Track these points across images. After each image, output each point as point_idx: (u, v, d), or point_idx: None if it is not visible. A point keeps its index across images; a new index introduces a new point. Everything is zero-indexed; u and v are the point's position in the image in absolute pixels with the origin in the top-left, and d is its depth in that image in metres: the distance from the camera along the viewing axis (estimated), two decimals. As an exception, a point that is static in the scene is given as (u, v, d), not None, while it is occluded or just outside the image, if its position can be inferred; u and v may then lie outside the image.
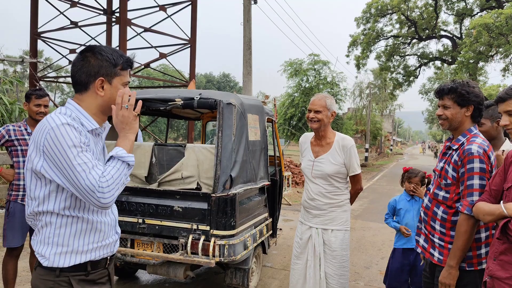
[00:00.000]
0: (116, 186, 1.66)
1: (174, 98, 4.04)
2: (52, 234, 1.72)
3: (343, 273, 3.31)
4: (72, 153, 1.62)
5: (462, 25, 24.63)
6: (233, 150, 3.78)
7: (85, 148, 1.67)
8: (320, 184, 3.32)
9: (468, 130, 2.46)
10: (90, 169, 1.63)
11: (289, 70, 26.41)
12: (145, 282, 4.89)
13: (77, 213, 1.74)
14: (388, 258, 5.88)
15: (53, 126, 1.65)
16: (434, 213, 2.52)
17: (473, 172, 2.29)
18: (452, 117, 2.46)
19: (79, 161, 1.62)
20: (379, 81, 39.49)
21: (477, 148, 2.32)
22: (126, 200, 3.91)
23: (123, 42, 9.67)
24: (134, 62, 1.94)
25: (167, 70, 34.58)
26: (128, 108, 1.78)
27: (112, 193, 1.65)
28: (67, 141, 1.63)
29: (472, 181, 2.29)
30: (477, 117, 2.47)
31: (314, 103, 3.30)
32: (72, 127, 1.67)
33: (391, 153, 48.83)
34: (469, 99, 2.40)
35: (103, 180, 1.63)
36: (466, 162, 2.31)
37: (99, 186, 1.61)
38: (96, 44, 1.93)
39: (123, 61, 1.83)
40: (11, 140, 3.74)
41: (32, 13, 11.10)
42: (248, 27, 12.44)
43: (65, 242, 1.73)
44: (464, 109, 2.44)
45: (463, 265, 2.37)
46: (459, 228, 2.31)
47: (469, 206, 2.26)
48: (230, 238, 3.65)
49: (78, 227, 1.75)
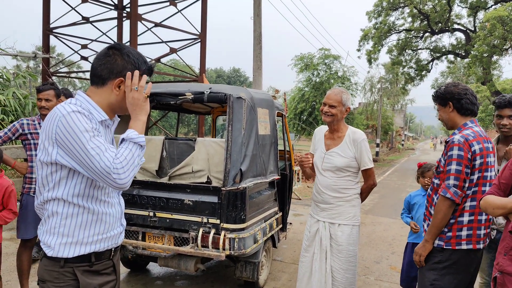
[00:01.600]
0: (131, 167, 1.68)
1: (185, 92, 4.06)
2: (58, 224, 1.75)
3: (349, 268, 3.29)
4: (84, 138, 1.65)
5: (476, 18, 24.21)
6: (243, 144, 3.79)
7: (96, 133, 1.69)
8: (329, 177, 3.31)
9: (463, 124, 2.65)
10: (104, 152, 1.65)
11: (299, 65, 26.31)
12: (157, 274, 4.94)
13: (84, 203, 1.77)
14: (398, 253, 5.87)
15: (64, 114, 1.67)
16: (432, 200, 2.70)
17: (452, 159, 2.51)
18: (442, 118, 2.76)
19: (92, 145, 1.64)
20: (390, 76, 39.08)
21: (459, 138, 2.53)
22: (137, 194, 3.95)
23: (134, 37, 9.72)
24: (153, 72, 1.97)
25: (177, 65, 34.64)
26: (138, 90, 1.80)
27: (128, 174, 1.67)
28: (78, 126, 1.65)
29: (450, 167, 2.51)
30: (461, 108, 2.66)
31: (330, 97, 3.28)
32: (83, 114, 1.70)
33: (402, 148, 48.44)
34: (445, 97, 2.67)
35: (117, 162, 1.65)
36: (448, 150, 2.55)
37: (114, 167, 1.63)
38: (125, 44, 1.95)
39: (145, 68, 1.87)
40: (25, 134, 3.80)
41: (45, 9, 11.20)
42: (258, 21, 12.40)
43: (70, 232, 1.76)
44: (447, 108, 2.69)
45: (440, 243, 2.58)
46: (436, 207, 2.57)
47: (445, 189, 2.49)
48: (240, 231, 3.67)
49: (84, 218, 1.78)
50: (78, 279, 1.76)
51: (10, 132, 3.79)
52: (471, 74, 22.79)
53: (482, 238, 2.57)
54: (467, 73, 23.74)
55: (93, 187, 1.79)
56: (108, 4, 12.09)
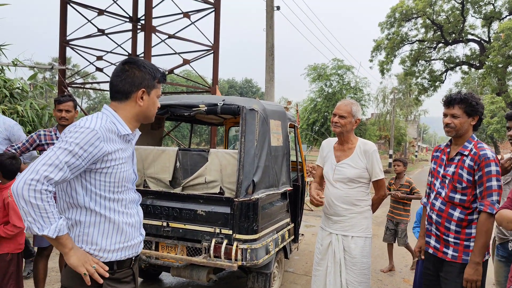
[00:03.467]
0: (31, 206, 1.61)
1: (198, 104, 4.12)
2: (82, 232, 1.81)
3: (363, 281, 3.28)
4: (69, 147, 1.69)
5: (490, 29, 24.02)
6: (255, 155, 3.82)
7: (85, 157, 1.72)
8: (340, 188, 3.31)
9: (472, 137, 2.69)
10: (50, 165, 1.64)
11: (312, 75, 26.32)
12: (169, 284, 4.96)
13: (105, 212, 1.83)
14: (411, 266, 5.80)
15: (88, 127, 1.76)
16: (449, 215, 2.66)
17: (491, 175, 2.50)
18: (461, 126, 2.66)
19: (62, 157, 1.67)
20: (403, 86, 38.86)
21: (491, 153, 2.54)
22: (151, 204, 4.00)
23: (148, 49, 9.87)
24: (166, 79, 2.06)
25: (190, 76, 34.96)
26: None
27: (27, 197, 1.60)
28: (80, 139, 1.71)
29: (491, 183, 2.49)
30: (478, 126, 2.71)
31: (340, 108, 3.31)
32: (99, 138, 1.76)
33: (416, 159, 47.91)
34: (477, 110, 2.64)
35: (40, 185, 1.61)
36: (484, 166, 2.52)
37: (31, 184, 1.60)
38: (136, 57, 2.04)
39: (160, 75, 1.97)
40: (42, 145, 3.90)
41: (61, 22, 11.45)
42: (271, 33, 12.51)
43: (93, 240, 1.82)
44: (471, 119, 2.65)
45: (467, 258, 2.57)
46: (481, 227, 2.49)
47: (491, 206, 2.45)
48: (252, 242, 3.69)
49: (106, 227, 1.84)
50: (100, 286, 1.81)
51: (28, 143, 3.90)
52: (486, 85, 22.57)
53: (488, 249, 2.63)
54: (482, 83, 23.49)
55: (110, 200, 1.85)
56: (123, 16, 12.32)
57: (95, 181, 1.80)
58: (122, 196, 1.90)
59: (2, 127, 4.17)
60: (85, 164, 1.73)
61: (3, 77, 8.34)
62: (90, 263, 1.78)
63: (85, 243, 1.82)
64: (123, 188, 1.90)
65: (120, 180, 1.86)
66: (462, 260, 2.61)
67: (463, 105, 2.63)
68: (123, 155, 1.89)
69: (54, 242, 1.72)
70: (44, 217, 1.63)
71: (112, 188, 1.84)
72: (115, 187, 1.85)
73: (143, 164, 4.20)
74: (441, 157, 2.84)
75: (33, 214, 1.62)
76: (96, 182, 1.80)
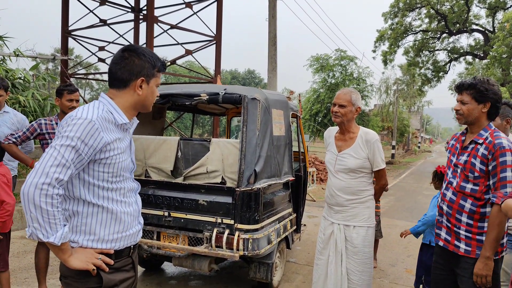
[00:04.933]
0: (40, 211, 1.58)
1: (200, 93, 4.09)
2: (80, 223, 1.80)
3: (365, 270, 3.27)
4: (71, 143, 1.66)
5: (495, 19, 23.80)
6: (257, 145, 3.80)
7: (87, 151, 1.69)
8: (342, 178, 3.29)
9: (489, 126, 2.55)
10: (57, 165, 1.61)
11: (315, 65, 26.18)
12: (171, 274, 4.98)
13: (102, 202, 1.81)
14: (414, 256, 5.80)
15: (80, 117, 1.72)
16: (460, 206, 2.56)
17: (506, 165, 2.37)
18: (469, 112, 2.54)
19: (67, 154, 1.64)
20: (407, 77, 38.63)
21: (508, 143, 2.40)
22: (152, 194, 3.99)
23: (150, 39, 9.82)
24: (166, 68, 2.02)
25: (193, 66, 34.89)
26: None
27: (38, 202, 1.58)
28: (78, 131, 1.68)
29: (506, 173, 2.36)
30: (493, 114, 2.56)
31: (339, 97, 3.27)
32: (97, 129, 1.72)
33: (419, 150, 47.83)
34: (487, 96, 2.50)
35: (50, 189, 1.59)
36: (499, 155, 2.39)
37: (44, 183, 1.58)
38: (137, 45, 2.00)
39: (160, 64, 1.93)
40: (43, 134, 3.89)
41: (63, 12, 11.40)
42: (273, 23, 12.42)
43: (92, 230, 1.80)
44: (481, 106, 2.52)
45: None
46: (494, 220, 2.37)
47: (504, 198, 2.30)
48: (254, 232, 3.68)
49: (104, 217, 1.82)
50: (99, 275, 1.80)
51: (29, 131, 3.88)
52: (490, 75, 22.41)
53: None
54: (486, 74, 23.34)
55: (108, 190, 1.83)
56: (125, 6, 12.24)
57: (93, 171, 1.78)
58: (121, 185, 1.88)
59: (15, 120, 4.38)
60: (88, 158, 1.72)
61: (5, 67, 8.33)
62: (93, 256, 1.78)
63: (83, 234, 1.80)
64: (121, 178, 1.88)
65: (118, 170, 1.84)
66: (476, 255, 2.49)
67: (471, 91, 2.51)
68: (121, 145, 1.86)
69: (55, 249, 1.70)
70: (52, 223, 1.61)
71: (111, 178, 1.82)
72: (113, 177, 1.83)
73: (144, 154, 4.18)
74: (456, 145, 2.72)
75: (40, 220, 1.59)
76: (94, 173, 1.78)
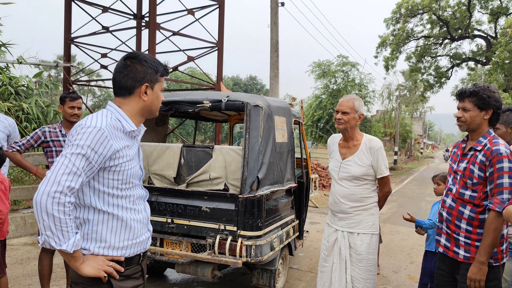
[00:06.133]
0: (53, 219, 1.60)
1: (202, 100, 4.11)
2: (91, 230, 1.81)
3: (369, 277, 3.26)
4: (82, 151, 1.67)
5: (497, 24, 23.81)
6: (260, 151, 3.80)
7: (97, 159, 1.71)
8: (346, 186, 3.29)
9: (488, 132, 2.56)
10: (69, 174, 1.63)
11: (317, 71, 26.24)
12: (174, 280, 4.97)
13: (112, 210, 1.82)
14: (417, 262, 5.77)
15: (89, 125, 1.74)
16: (459, 213, 2.58)
17: (503, 171, 2.38)
18: (471, 119, 2.56)
19: (77, 162, 1.66)
20: (409, 83, 38.64)
21: (505, 149, 2.42)
22: (155, 200, 4.00)
23: (152, 46, 9.86)
24: (168, 72, 2.03)
25: (195, 73, 34.97)
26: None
27: (50, 210, 1.60)
28: (88, 139, 1.69)
29: (502, 180, 2.38)
30: (494, 121, 2.59)
31: (342, 104, 3.28)
32: (106, 137, 1.74)
33: (421, 156, 47.73)
34: (489, 103, 2.51)
35: (63, 197, 1.61)
36: (496, 162, 2.41)
37: (56, 192, 1.60)
38: (138, 51, 2.02)
39: (162, 68, 1.95)
40: (47, 141, 3.90)
41: (66, 20, 11.47)
42: (275, 29, 12.47)
43: (102, 238, 1.82)
44: (483, 113, 2.53)
45: (490, 261, 2.44)
46: (489, 225, 2.38)
47: (500, 204, 2.34)
48: (257, 239, 3.68)
49: (114, 224, 1.83)
50: (110, 282, 1.81)
51: (33, 139, 3.89)
52: (493, 81, 22.39)
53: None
54: (488, 80, 23.32)
55: (118, 197, 1.84)
56: (127, 13, 12.32)
57: (103, 179, 1.79)
58: (130, 192, 1.89)
59: (6, 123, 4.32)
60: (98, 166, 1.73)
61: (8, 75, 8.38)
62: (104, 264, 1.79)
63: (94, 241, 1.81)
64: (130, 185, 1.89)
65: (127, 177, 1.85)
66: None
67: (473, 98, 2.52)
68: (130, 152, 1.88)
69: (67, 257, 1.71)
70: (64, 231, 1.63)
71: (120, 186, 1.84)
72: (123, 184, 1.84)
73: (147, 160, 4.20)
74: (457, 153, 2.74)
75: (53, 228, 1.61)
76: (104, 181, 1.79)
